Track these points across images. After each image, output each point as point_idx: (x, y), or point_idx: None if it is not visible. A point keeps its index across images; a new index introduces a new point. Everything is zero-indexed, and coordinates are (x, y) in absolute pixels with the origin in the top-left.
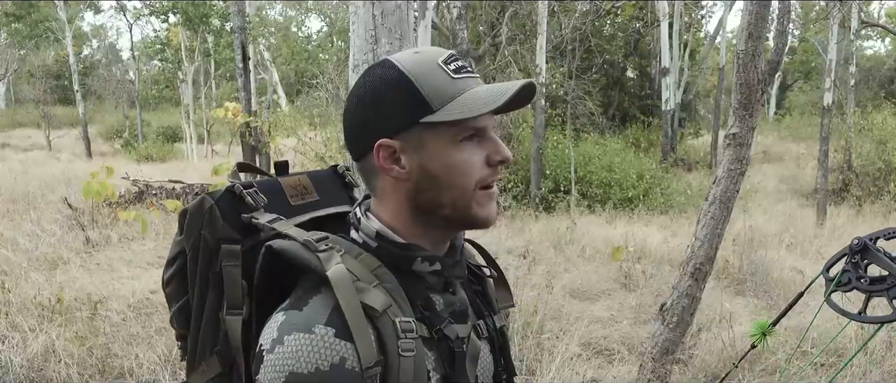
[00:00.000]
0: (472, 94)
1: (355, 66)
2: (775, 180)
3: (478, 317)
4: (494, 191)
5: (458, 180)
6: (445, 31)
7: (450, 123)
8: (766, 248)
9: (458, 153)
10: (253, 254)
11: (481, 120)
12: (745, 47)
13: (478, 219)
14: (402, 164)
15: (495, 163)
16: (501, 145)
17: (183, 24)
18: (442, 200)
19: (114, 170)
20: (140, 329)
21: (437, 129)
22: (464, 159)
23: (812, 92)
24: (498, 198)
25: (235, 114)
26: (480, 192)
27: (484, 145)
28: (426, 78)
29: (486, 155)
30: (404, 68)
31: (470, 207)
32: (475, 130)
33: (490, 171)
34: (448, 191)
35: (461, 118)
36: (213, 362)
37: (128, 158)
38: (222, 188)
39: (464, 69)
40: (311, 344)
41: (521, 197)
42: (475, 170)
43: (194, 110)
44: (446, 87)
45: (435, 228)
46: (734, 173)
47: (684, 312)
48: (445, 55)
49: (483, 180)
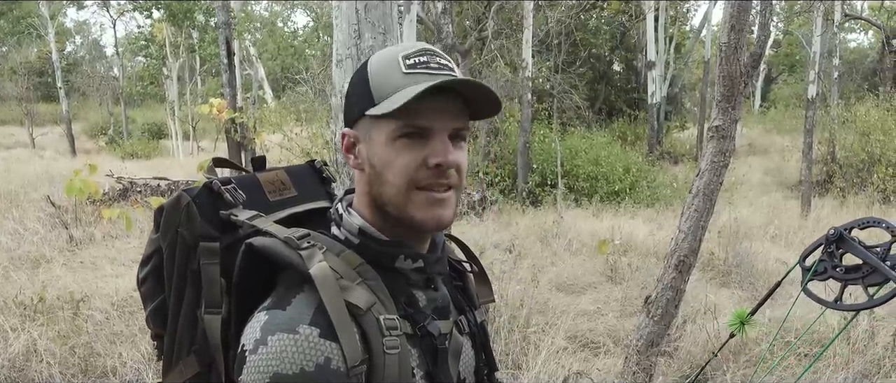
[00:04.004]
0: (411, 89)
1: (339, 60)
2: (760, 172)
3: (459, 313)
4: (438, 198)
5: (392, 177)
6: (431, 25)
7: (389, 119)
8: (751, 240)
9: (392, 150)
10: (231, 251)
11: (424, 118)
12: (728, 40)
13: (414, 220)
14: (357, 154)
15: (431, 166)
16: (441, 148)
17: (167, 20)
18: (383, 196)
19: (97, 167)
20: (124, 327)
21: (379, 123)
22: (396, 156)
23: (796, 85)
24: (484, 195)
25: (221, 110)
26: (417, 194)
27: (427, 146)
28: (379, 71)
29: (425, 156)
30: (370, 62)
31: (406, 207)
32: (415, 129)
33: (428, 173)
34: (386, 187)
35: (383, 113)
36: (191, 361)
37: (113, 155)
38: (200, 184)
39: (423, 65)
40: (295, 345)
41: (508, 191)
42: (408, 170)
43: (180, 107)
44: (392, 82)
45: (396, 225)
46: (717, 165)
47: (669, 304)
48: (414, 50)
49: (417, 181)
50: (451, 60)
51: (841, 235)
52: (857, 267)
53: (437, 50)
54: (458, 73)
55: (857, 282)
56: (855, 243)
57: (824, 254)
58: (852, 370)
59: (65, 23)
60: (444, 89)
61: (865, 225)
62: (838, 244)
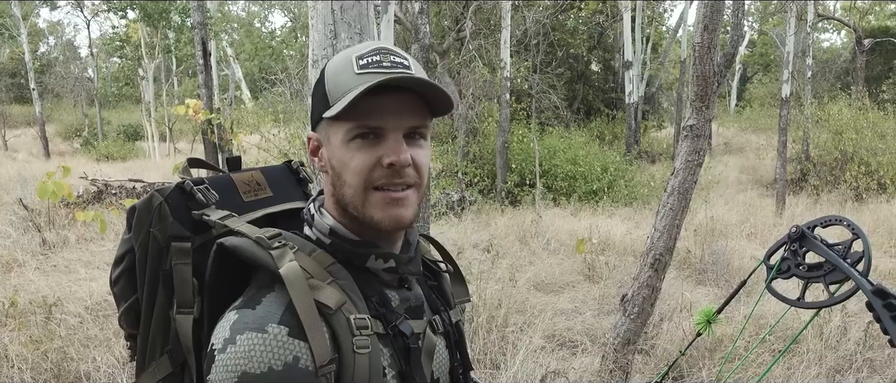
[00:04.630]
0: (355, 91)
1: (315, 60)
2: (736, 171)
3: (433, 313)
4: (396, 197)
5: (348, 178)
6: (408, 25)
7: (343, 120)
8: (727, 238)
9: (347, 151)
10: (204, 251)
11: (376, 118)
12: (701, 40)
13: (373, 221)
14: (320, 157)
15: (385, 166)
16: (395, 147)
17: (142, 20)
18: (345, 198)
19: (71, 169)
20: (98, 331)
21: (335, 125)
22: (351, 157)
23: (771, 84)
24: (463, 195)
25: (197, 111)
26: (373, 194)
27: (381, 146)
28: (334, 73)
29: (379, 157)
30: (328, 65)
31: (364, 207)
32: (368, 129)
33: (383, 173)
34: (345, 188)
35: (333, 115)
36: (164, 362)
37: (87, 157)
38: (172, 184)
39: (375, 64)
40: (263, 344)
41: (487, 191)
42: (362, 170)
43: (156, 108)
44: (345, 83)
45: (362, 226)
46: (692, 164)
47: (645, 303)
48: (368, 50)
49: (373, 181)
50: (407, 57)
51: (803, 234)
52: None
53: (394, 48)
54: (415, 70)
55: (818, 280)
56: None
57: (788, 251)
58: (825, 365)
59: (38, 23)
60: (394, 88)
61: (827, 223)
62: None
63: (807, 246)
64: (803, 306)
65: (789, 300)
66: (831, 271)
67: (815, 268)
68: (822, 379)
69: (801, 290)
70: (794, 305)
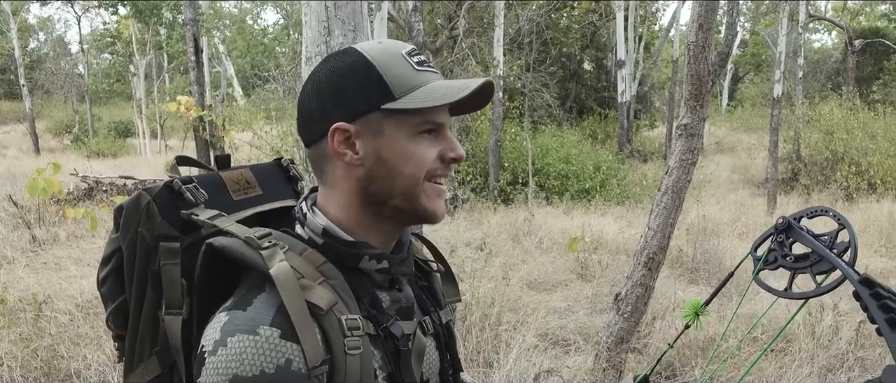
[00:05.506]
0: (433, 87)
1: (308, 58)
2: (728, 170)
3: (424, 313)
4: (443, 189)
5: (411, 169)
6: (402, 23)
7: (410, 114)
8: (719, 237)
9: (413, 144)
10: (192, 251)
11: (440, 116)
12: (696, 39)
13: (427, 211)
14: (357, 150)
15: (449, 160)
16: (456, 144)
17: (133, 16)
18: (393, 189)
19: (61, 166)
20: (88, 329)
21: (396, 118)
22: (419, 149)
23: (762, 84)
24: (456, 193)
25: (188, 108)
26: (429, 185)
27: (440, 141)
28: (390, 66)
29: (440, 150)
30: (369, 55)
31: (419, 198)
32: (434, 125)
33: (441, 166)
34: (399, 179)
35: (422, 107)
36: (153, 363)
37: (78, 154)
38: (160, 183)
39: (425, 63)
40: (255, 346)
41: (480, 189)
42: (427, 163)
43: (147, 104)
44: (410, 77)
45: (384, 221)
46: (686, 163)
47: (638, 301)
48: (409, 48)
49: (433, 173)
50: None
51: (789, 224)
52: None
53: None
54: None
55: (805, 271)
56: (803, 232)
57: (774, 243)
58: (817, 364)
59: (28, 19)
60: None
61: (814, 214)
62: (787, 233)
63: (793, 237)
64: (790, 297)
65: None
66: (818, 261)
67: (802, 259)
68: (814, 378)
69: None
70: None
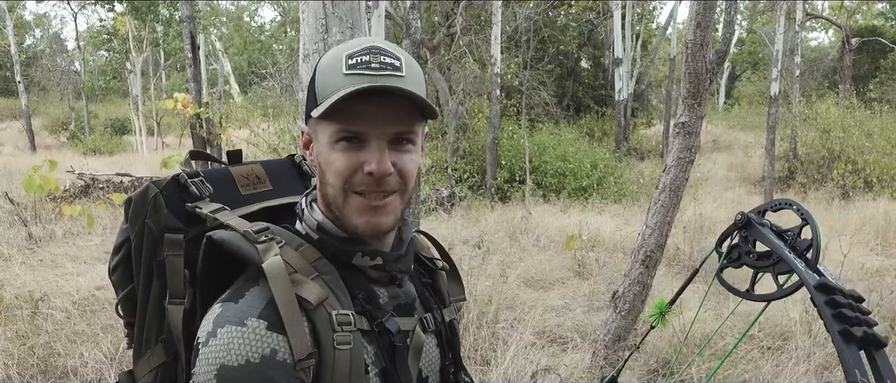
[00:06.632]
0: (338, 94)
1: (306, 55)
2: (724, 168)
3: (426, 310)
4: (373, 203)
5: (331, 179)
6: (399, 21)
7: (329, 120)
8: (715, 235)
9: (331, 151)
10: (196, 243)
11: (360, 124)
12: (694, 37)
13: (350, 224)
14: (311, 151)
15: (366, 173)
16: (376, 156)
17: (130, 13)
18: (328, 197)
19: (57, 163)
20: (85, 326)
21: (322, 124)
22: (337, 158)
23: (759, 82)
24: (453, 191)
25: (185, 105)
26: (353, 197)
27: (365, 152)
28: (324, 72)
29: (361, 163)
30: (321, 61)
31: (343, 209)
32: (350, 133)
33: (364, 179)
34: (328, 187)
35: (317, 116)
36: (159, 351)
37: (74, 151)
38: (168, 176)
39: (364, 65)
40: (242, 337)
41: (477, 187)
42: (344, 174)
43: (143, 102)
44: (333, 83)
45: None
46: (683, 161)
47: (636, 299)
48: (359, 48)
49: (353, 186)
50: (400, 56)
51: (749, 220)
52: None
53: (386, 47)
54: (407, 70)
55: (768, 270)
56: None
57: (739, 238)
58: (813, 362)
59: (24, 15)
60: (379, 92)
61: (778, 207)
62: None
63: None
64: (752, 298)
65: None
66: (779, 261)
67: (765, 257)
68: (810, 376)
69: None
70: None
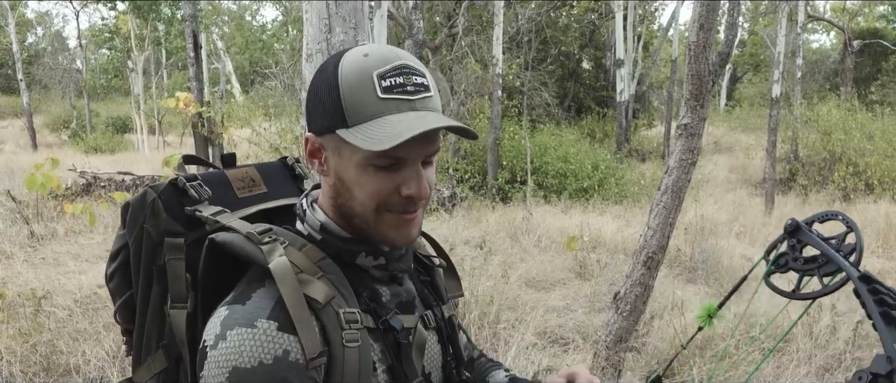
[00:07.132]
0: (385, 122)
1: (309, 55)
2: (726, 170)
3: (426, 307)
4: (409, 218)
5: (363, 197)
6: (402, 21)
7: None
8: (717, 237)
9: (365, 175)
10: (197, 247)
11: (401, 152)
12: (697, 39)
13: (387, 238)
14: (323, 162)
15: (404, 196)
16: (415, 180)
17: (132, 12)
18: (353, 209)
19: (59, 161)
20: (87, 324)
21: (350, 144)
22: (371, 181)
23: (761, 84)
24: (454, 191)
25: (187, 104)
26: (386, 215)
27: (400, 174)
28: (353, 89)
29: (397, 185)
30: (342, 72)
31: (377, 225)
32: (394, 160)
33: (399, 200)
34: (356, 202)
35: (377, 151)
36: (160, 357)
37: (75, 149)
38: (165, 180)
39: (399, 88)
40: (253, 339)
41: (478, 187)
42: (380, 195)
43: (145, 100)
44: (367, 106)
45: (357, 229)
46: (686, 163)
47: (637, 300)
48: (389, 67)
49: (389, 206)
50: (425, 73)
51: (798, 226)
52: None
53: (413, 63)
54: (432, 85)
55: (813, 273)
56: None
57: (787, 246)
58: (814, 364)
59: (26, 13)
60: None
61: (825, 218)
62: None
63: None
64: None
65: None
66: (825, 263)
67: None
68: (812, 378)
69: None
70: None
